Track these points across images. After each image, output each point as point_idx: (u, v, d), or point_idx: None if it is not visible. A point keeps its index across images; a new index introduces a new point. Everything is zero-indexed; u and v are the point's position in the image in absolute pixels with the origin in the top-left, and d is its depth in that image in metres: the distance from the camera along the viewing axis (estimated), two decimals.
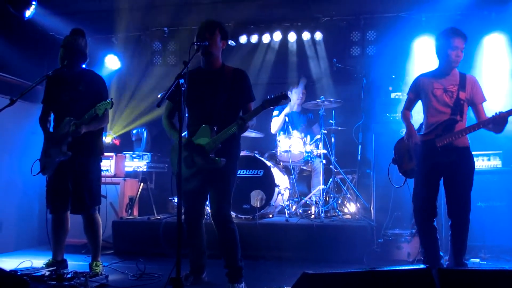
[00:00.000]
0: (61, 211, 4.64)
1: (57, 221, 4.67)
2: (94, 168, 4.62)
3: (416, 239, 5.33)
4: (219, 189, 4.06)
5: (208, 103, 4.07)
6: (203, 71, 4.19)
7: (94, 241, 4.62)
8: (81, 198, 4.48)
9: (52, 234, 4.69)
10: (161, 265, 5.00)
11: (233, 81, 4.09)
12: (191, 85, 3.96)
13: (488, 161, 5.79)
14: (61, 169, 4.53)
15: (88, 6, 7.04)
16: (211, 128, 4.00)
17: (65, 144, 4.41)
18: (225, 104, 4.07)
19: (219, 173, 4.00)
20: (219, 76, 4.11)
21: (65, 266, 4.72)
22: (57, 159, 4.48)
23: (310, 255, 5.47)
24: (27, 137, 6.56)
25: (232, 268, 4.06)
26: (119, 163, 6.81)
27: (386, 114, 6.24)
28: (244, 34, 7.56)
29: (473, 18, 6.61)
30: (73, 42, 4.57)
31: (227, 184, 4.07)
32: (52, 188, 4.62)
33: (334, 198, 6.55)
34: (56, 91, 4.65)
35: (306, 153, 6.60)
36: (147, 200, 6.78)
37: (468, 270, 3.03)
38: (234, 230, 4.07)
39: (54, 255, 4.69)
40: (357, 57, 7.23)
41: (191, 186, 4.06)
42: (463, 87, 4.30)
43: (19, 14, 6.12)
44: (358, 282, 2.69)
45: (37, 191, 6.68)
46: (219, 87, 4.06)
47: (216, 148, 3.96)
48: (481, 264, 5.17)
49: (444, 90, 4.33)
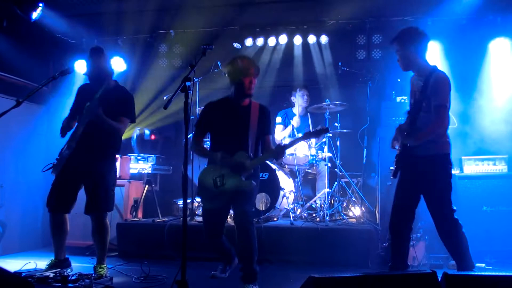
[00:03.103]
0: (60, 211, 4.66)
1: (55, 222, 4.68)
2: (112, 172, 4.77)
3: (422, 243, 5.31)
4: (244, 196, 4.26)
5: (243, 134, 4.36)
6: (234, 104, 4.46)
7: (102, 245, 4.66)
8: (98, 199, 4.57)
9: (52, 234, 4.72)
10: (165, 267, 5.00)
11: (260, 116, 4.46)
12: (223, 115, 4.41)
13: (493, 166, 5.77)
14: (72, 171, 4.58)
15: (94, 8, 7.06)
16: (247, 155, 4.29)
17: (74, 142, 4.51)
18: (256, 135, 4.42)
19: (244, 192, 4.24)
20: (249, 110, 4.45)
21: (68, 264, 4.76)
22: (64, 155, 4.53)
23: (314, 258, 5.46)
24: (31, 138, 6.59)
25: (248, 270, 4.19)
26: (124, 165, 6.81)
27: (392, 118, 6.22)
28: (250, 37, 7.55)
29: (479, 23, 6.59)
30: (94, 69, 4.72)
31: (251, 195, 4.34)
32: (56, 188, 4.65)
33: (339, 201, 6.53)
34: (85, 101, 4.65)
35: (311, 156, 6.59)
36: (151, 202, 6.78)
37: (474, 275, 3.01)
38: (253, 232, 4.24)
39: (56, 254, 4.72)
40: (363, 60, 7.20)
41: (215, 205, 4.31)
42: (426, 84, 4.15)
43: (26, 16, 6.13)
44: (364, 286, 2.68)
45: (41, 192, 6.69)
46: (251, 121, 4.40)
47: (249, 172, 4.25)
48: (487, 269, 5.15)
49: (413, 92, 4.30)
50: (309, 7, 7.21)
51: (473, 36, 6.56)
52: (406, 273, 2.76)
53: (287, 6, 7.20)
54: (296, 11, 7.27)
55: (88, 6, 7.04)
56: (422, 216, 5.26)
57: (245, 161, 4.24)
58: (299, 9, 7.24)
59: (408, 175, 4.14)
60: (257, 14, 7.23)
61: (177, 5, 7.16)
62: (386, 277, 2.76)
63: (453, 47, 6.57)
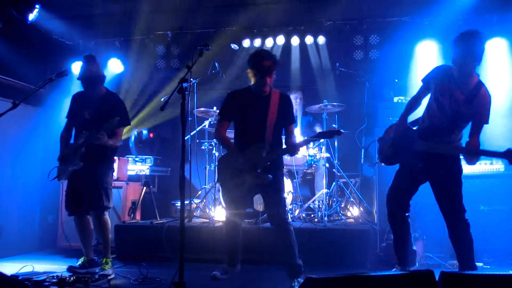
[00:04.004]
0: (78, 213, 4.96)
1: (77, 224, 5.00)
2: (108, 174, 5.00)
3: (420, 243, 5.31)
4: (274, 195, 4.44)
5: (261, 124, 4.41)
6: (255, 94, 4.50)
7: (105, 240, 4.94)
8: (99, 197, 4.83)
9: (78, 235, 5.06)
10: (163, 269, 4.98)
11: (280, 105, 4.48)
12: (245, 103, 4.48)
13: (490, 165, 5.77)
14: (78, 175, 4.83)
15: (92, 10, 7.04)
16: (264, 146, 4.34)
17: (78, 155, 4.74)
18: (275, 126, 4.45)
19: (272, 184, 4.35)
20: (269, 100, 4.47)
21: (94, 264, 5.01)
22: (70, 167, 4.79)
23: (313, 259, 5.42)
24: (28, 141, 6.57)
25: (292, 266, 4.36)
26: (122, 166, 6.80)
27: (389, 118, 6.20)
28: (247, 38, 7.56)
29: (475, 22, 6.58)
30: (86, 73, 4.91)
31: (280, 190, 4.49)
32: (69, 193, 4.96)
33: (337, 202, 6.54)
34: (81, 110, 4.99)
35: (309, 157, 6.60)
36: (149, 204, 6.77)
37: (472, 274, 3.01)
38: (291, 230, 4.42)
39: (86, 254, 5.02)
40: (360, 61, 7.22)
41: (235, 194, 4.46)
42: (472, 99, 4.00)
43: (22, 18, 6.12)
44: (362, 287, 2.68)
45: (38, 195, 6.70)
46: (270, 110, 4.44)
47: (265, 165, 4.32)
48: (484, 268, 5.16)
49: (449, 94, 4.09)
50: (307, 8, 7.22)
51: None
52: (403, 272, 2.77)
53: (284, 7, 7.20)
54: (294, 12, 7.28)
55: (84, 8, 7.02)
56: (420, 216, 5.28)
57: (260, 154, 4.30)
58: (297, 10, 7.25)
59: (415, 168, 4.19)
60: (255, 15, 7.22)
61: (174, 7, 7.15)
62: (383, 277, 2.76)
63: (449, 47, 6.57)
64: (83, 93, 5.08)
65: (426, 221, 5.37)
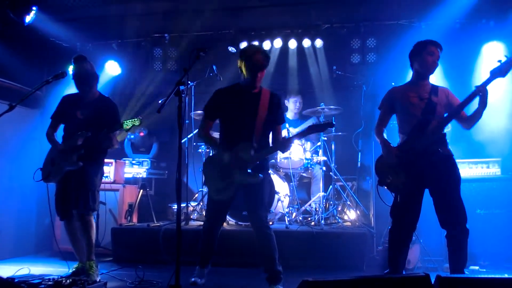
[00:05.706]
0: (69, 216, 4.82)
1: (68, 229, 4.89)
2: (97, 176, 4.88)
3: (416, 247, 5.32)
4: (256, 198, 4.33)
5: (249, 122, 4.30)
6: (244, 91, 4.40)
7: (89, 241, 4.76)
8: (85, 198, 4.69)
9: (70, 241, 4.93)
10: (160, 272, 4.99)
11: (271, 103, 4.38)
12: (232, 101, 4.35)
13: (487, 169, 5.79)
14: (67, 177, 4.73)
15: (89, 12, 7.03)
16: (252, 145, 4.24)
17: (76, 155, 4.66)
18: (264, 124, 4.34)
19: (255, 187, 4.27)
20: (259, 98, 4.37)
21: None
22: (66, 168, 4.70)
23: (309, 262, 5.45)
24: (25, 143, 6.56)
25: (272, 271, 4.28)
26: (119, 169, 6.80)
27: None
28: (244, 41, 7.55)
29: (472, 26, 6.62)
30: (80, 72, 4.86)
31: (262, 193, 4.37)
32: (60, 195, 4.84)
33: (334, 205, 6.54)
34: (73, 109, 4.92)
35: (306, 160, 6.60)
36: (146, 207, 6.76)
37: (468, 278, 3.02)
38: (272, 235, 4.32)
39: (80, 259, 4.87)
40: (357, 64, 7.22)
41: (221, 197, 4.32)
42: (436, 94, 4.26)
43: (19, 20, 6.11)
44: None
45: (35, 197, 6.67)
46: (260, 108, 4.32)
47: (254, 164, 4.24)
48: (480, 272, 5.17)
49: (419, 97, 4.25)
50: (304, 11, 7.22)
51: (466, 40, 6.58)
52: (399, 276, 2.77)
53: (282, 10, 7.21)
54: (291, 15, 7.29)
55: (82, 10, 7.00)
56: None
57: (249, 152, 4.21)
58: (294, 13, 7.26)
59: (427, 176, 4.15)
60: (252, 18, 7.24)
61: (171, 9, 7.16)
62: (380, 280, 2.77)
63: (446, 51, 6.59)
64: (74, 95, 5.04)
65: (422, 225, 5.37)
